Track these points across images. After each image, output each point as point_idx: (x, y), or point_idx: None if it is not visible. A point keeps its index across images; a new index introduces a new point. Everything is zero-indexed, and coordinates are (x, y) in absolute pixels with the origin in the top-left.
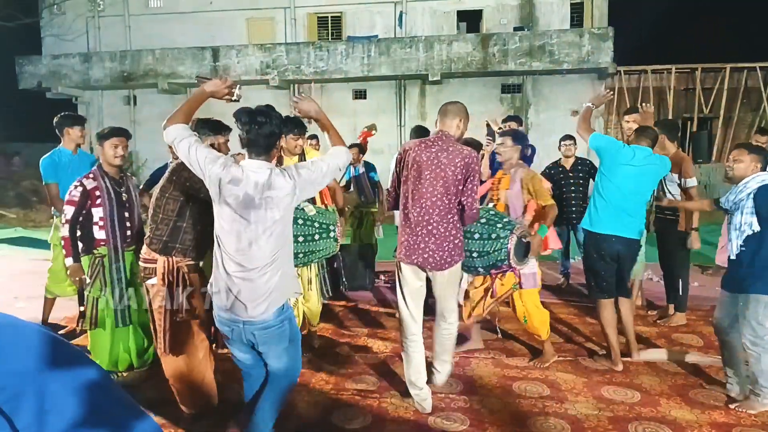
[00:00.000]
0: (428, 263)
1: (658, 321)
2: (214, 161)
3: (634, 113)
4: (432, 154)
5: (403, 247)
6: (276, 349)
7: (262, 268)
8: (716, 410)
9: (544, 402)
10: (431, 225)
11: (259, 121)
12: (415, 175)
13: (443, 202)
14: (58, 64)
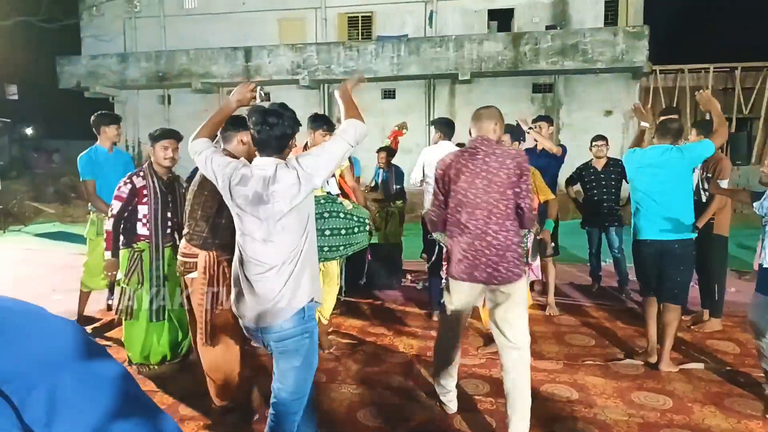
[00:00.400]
0: (494, 278)
1: (692, 326)
2: (225, 166)
3: (670, 113)
4: (478, 161)
5: (462, 264)
6: (284, 365)
7: (280, 266)
8: (753, 419)
9: (573, 406)
10: (490, 235)
11: (270, 121)
12: (464, 186)
13: (499, 209)
14: (96, 64)
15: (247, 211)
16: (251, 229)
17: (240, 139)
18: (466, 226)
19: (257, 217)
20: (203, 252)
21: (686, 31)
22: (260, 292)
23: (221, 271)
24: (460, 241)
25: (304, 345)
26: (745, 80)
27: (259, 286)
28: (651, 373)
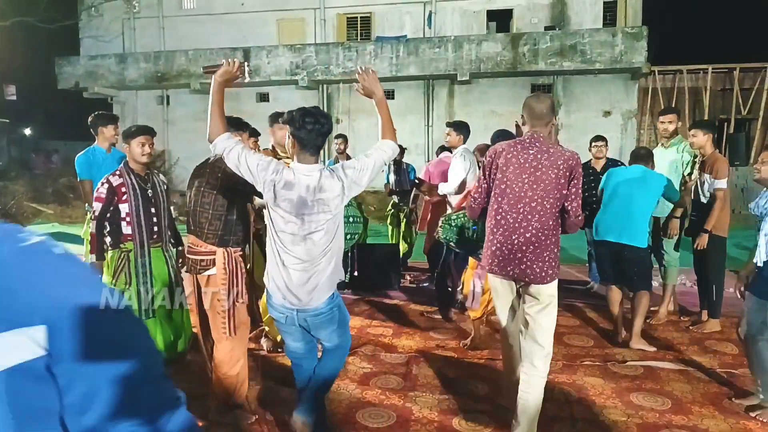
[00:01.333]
0: (526, 275)
1: (691, 327)
2: (266, 168)
3: (669, 113)
4: (530, 155)
5: (495, 257)
6: (325, 332)
7: (315, 260)
8: (752, 420)
9: (572, 407)
10: (530, 232)
11: (311, 121)
12: (511, 177)
13: (543, 206)
14: (95, 64)
15: (290, 213)
16: (292, 228)
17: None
18: (505, 218)
19: (300, 219)
20: (221, 249)
21: (685, 32)
22: (297, 282)
23: (239, 266)
24: (497, 233)
25: (335, 315)
26: (744, 81)
27: (294, 275)
28: (650, 373)
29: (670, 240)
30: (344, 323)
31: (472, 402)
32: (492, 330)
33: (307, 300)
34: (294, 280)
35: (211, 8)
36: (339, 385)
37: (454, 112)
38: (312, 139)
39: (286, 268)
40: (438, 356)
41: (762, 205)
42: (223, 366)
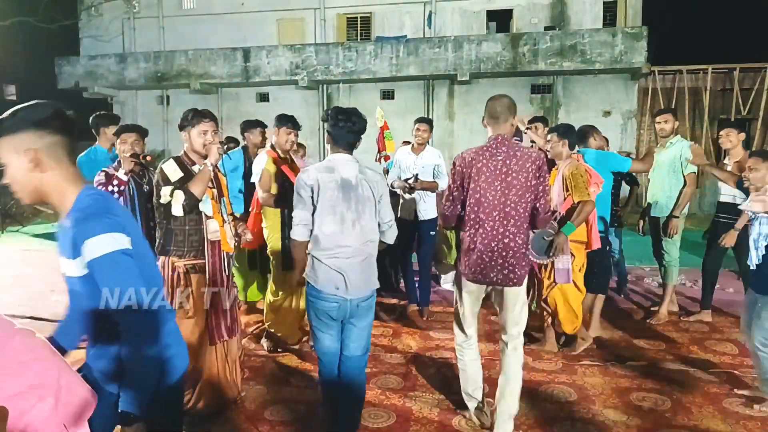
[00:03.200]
0: (509, 279)
1: (683, 317)
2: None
3: (665, 113)
4: (499, 162)
5: (477, 265)
6: (363, 323)
7: (364, 245)
8: (752, 420)
9: (572, 407)
10: (507, 237)
11: (343, 119)
12: (484, 186)
13: (517, 211)
14: (95, 64)
15: (337, 196)
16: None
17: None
18: (482, 227)
19: (347, 201)
20: (161, 258)
21: (685, 32)
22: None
23: (176, 277)
24: (476, 241)
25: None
26: (744, 81)
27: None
28: (650, 373)
29: (671, 240)
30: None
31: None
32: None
33: (359, 288)
34: (347, 269)
35: (211, 8)
36: None
37: (454, 112)
38: (343, 136)
39: (338, 258)
40: (438, 356)
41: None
42: None
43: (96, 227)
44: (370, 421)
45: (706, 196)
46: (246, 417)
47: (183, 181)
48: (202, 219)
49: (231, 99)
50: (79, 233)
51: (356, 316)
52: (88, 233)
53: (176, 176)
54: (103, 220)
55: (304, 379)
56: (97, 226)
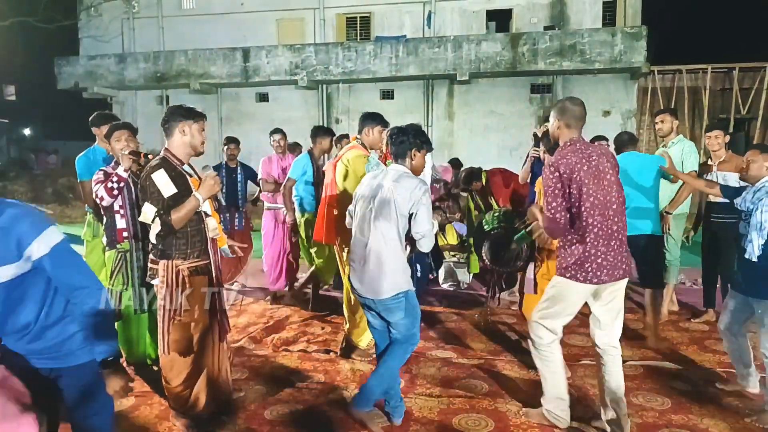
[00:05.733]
0: (626, 273)
1: (693, 319)
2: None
3: (662, 113)
4: (594, 161)
5: (603, 267)
6: (394, 318)
7: (368, 250)
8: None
9: (571, 406)
10: (620, 233)
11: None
12: (593, 188)
13: (621, 207)
14: (95, 64)
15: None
16: (363, 212)
17: (181, 129)
18: (601, 228)
19: (371, 204)
20: (162, 261)
21: (684, 32)
22: (364, 272)
23: (180, 279)
24: (598, 245)
25: (401, 304)
26: (743, 81)
27: (359, 266)
28: (650, 373)
29: (672, 239)
30: (413, 315)
31: (473, 402)
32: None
33: (370, 288)
34: (364, 270)
35: (210, 8)
36: (339, 385)
37: (453, 112)
38: (393, 151)
39: (357, 259)
40: (438, 356)
41: (749, 200)
42: (165, 372)
43: (37, 225)
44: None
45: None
46: (246, 417)
47: (176, 198)
48: (202, 218)
49: (230, 99)
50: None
51: (383, 311)
52: (35, 230)
53: (169, 191)
54: (37, 218)
55: (304, 379)
56: (37, 225)
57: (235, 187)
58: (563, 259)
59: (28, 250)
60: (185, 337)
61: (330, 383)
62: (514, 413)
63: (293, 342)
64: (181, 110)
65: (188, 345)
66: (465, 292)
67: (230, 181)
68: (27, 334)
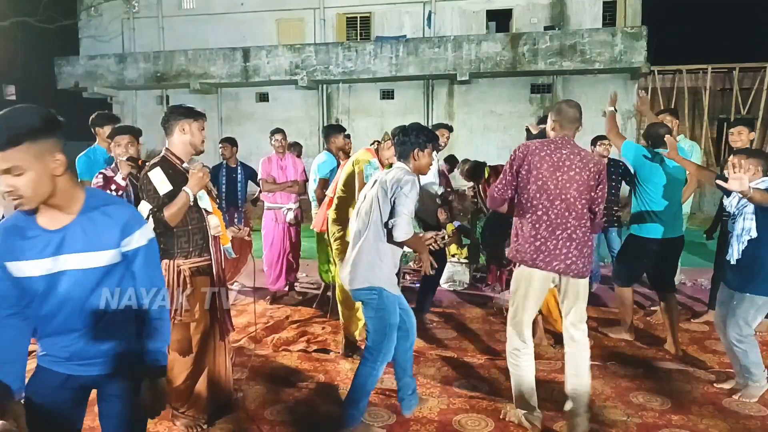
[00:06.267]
0: (571, 270)
1: (692, 320)
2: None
3: (663, 113)
4: (563, 155)
5: (539, 252)
6: (366, 313)
7: (354, 241)
8: (752, 420)
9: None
10: (569, 229)
11: (396, 136)
12: (546, 174)
13: (576, 206)
14: (95, 64)
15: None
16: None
17: (181, 128)
18: (546, 214)
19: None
20: (164, 261)
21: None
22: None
23: (181, 279)
24: (539, 228)
25: (372, 303)
26: (743, 81)
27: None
28: (650, 373)
29: None
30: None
31: (472, 402)
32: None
33: (351, 278)
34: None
35: (210, 8)
36: (339, 385)
37: (453, 112)
38: (397, 151)
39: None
40: (438, 356)
41: (735, 205)
42: (171, 378)
43: (140, 217)
44: (370, 420)
45: (705, 196)
46: (246, 417)
47: (172, 195)
48: (203, 216)
49: (230, 99)
50: (132, 222)
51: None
52: (139, 221)
53: (165, 189)
54: (138, 212)
55: (304, 379)
56: (140, 216)
57: (235, 186)
58: (513, 242)
59: (129, 239)
60: (186, 337)
61: (330, 383)
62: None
63: (293, 342)
64: (181, 109)
65: (189, 345)
66: (465, 292)
67: (230, 180)
68: (90, 331)
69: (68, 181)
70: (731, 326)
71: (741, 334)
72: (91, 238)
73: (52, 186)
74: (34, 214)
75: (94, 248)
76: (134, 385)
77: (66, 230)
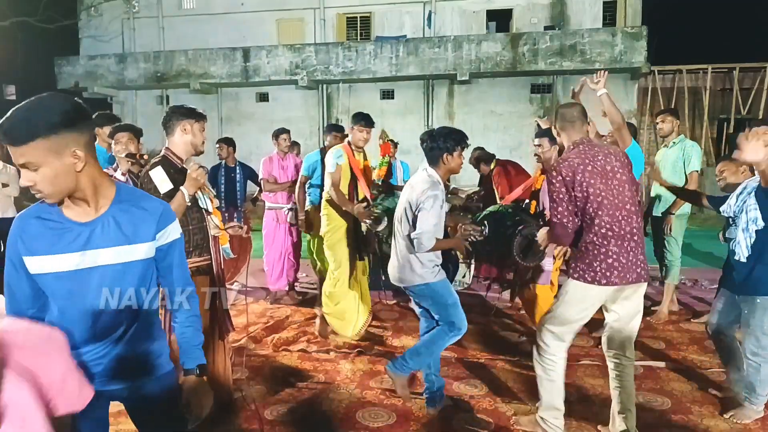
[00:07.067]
0: (642, 277)
1: (693, 320)
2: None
3: (663, 113)
4: (600, 161)
5: (612, 269)
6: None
7: (393, 244)
8: (752, 420)
9: (571, 406)
10: (636, 234)
11: (424, 142)
12: (601, 188)
13: (632, 210)
14: (95, 64)
15: None
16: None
17: (183, 128)
18: (611, 229)
19: None
20: None
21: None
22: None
23: None
24: (609, 245)
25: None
26: (743, 81)
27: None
28: (650, 373)
29: (673, 239)
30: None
31: (472, 402)
32: None
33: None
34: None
35: (210, 8)
36: (339, 385)
37: (453, 112)
38: (427, 156)
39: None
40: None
41: (734, 204)
42: None
43: (172, 211)
44: (371, 420)
45: None
46: (246, 417)
47: (171, 194)
48: (203, 216)
49: (230, 99)
50: (166, 215)
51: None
52: (172, 215)
53: (165, 187)
54: (169, 205)
55: (304, 379)
56: (172, 211)
57: (234, 186)
58: (573, 260)
59: (163, 232)
60: None
61: (330, 383)
62: (514, 413)
63: (293, 342)
64: (183, 109)
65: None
66: (465, 292)
67: (229, 180)
68: (125, 334)
69: (93, 176)
70: (749, 338)
71: (759, 346)
72: (125, 230)
73: (73, 181)
74: (60, 205)
75: (129, 241)
76: (170, 392)
77: (96, 223)
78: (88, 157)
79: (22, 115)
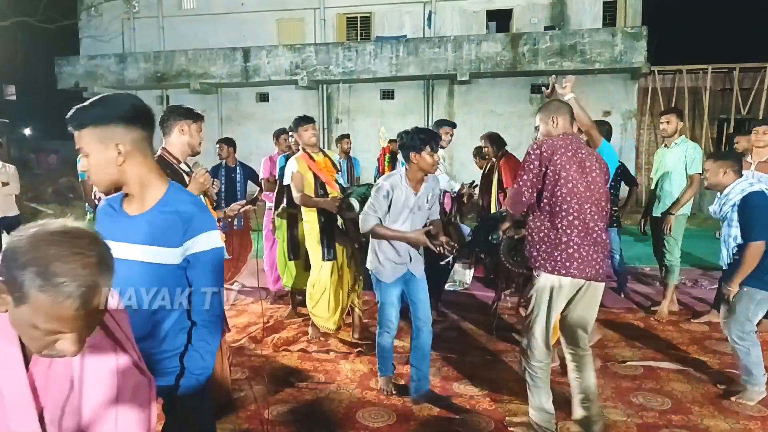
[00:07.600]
0: (599, 275)
1: (693, 320)
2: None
3: (667, 113)
4: (582, 154)
5: (573, 259)
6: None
7: None
8: (752, 420)
9: (572, 407)
10: (596, 233)
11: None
12: (575, 176)
13: (600, 207)
14: (95, 64)
15: None
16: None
17: (180, 128)
18: (578, 219)
19: None
20: None
21: (685, 32)
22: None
23: None
24: (571, 234)
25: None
26: (743, 81)
27: None
28: (650, 373)
29: (673, 239)
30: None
31: (473, 402)
32: None
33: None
34: None
35: (210, 8)
36: (339, 385)
37: (453, 112)
38: (402, 154)
39: None
40: (438, 356)
41: (719, 213)
42: None
43: (212, 222)
44: (370, 420)
45: (706, 197)
46: (246, 417)
47: None
48: None
49: (230, 99)
50: (198, 223)
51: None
52: (208, 225)
53: None
54: (212, 217)
55: (304, 379)
56: (212, 222)
57: (234, 187)
58: (532, 248)
59: (193, 240)
60: None
61: (330, 383)
62: (513, 413)
63: (293, 342)
64: (181, 110)
65: None
66: (465, 292)
67: (229, 180)
68: (164, 337)
69: (140, 173)
70: (732, 323)
71: (743, 331)
72: (156, 231)
73: (115, 173)
74: (126, 196)
75: (157, 243)
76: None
77: (138, 219)
78: (134, 154)
79: (86, 106)
